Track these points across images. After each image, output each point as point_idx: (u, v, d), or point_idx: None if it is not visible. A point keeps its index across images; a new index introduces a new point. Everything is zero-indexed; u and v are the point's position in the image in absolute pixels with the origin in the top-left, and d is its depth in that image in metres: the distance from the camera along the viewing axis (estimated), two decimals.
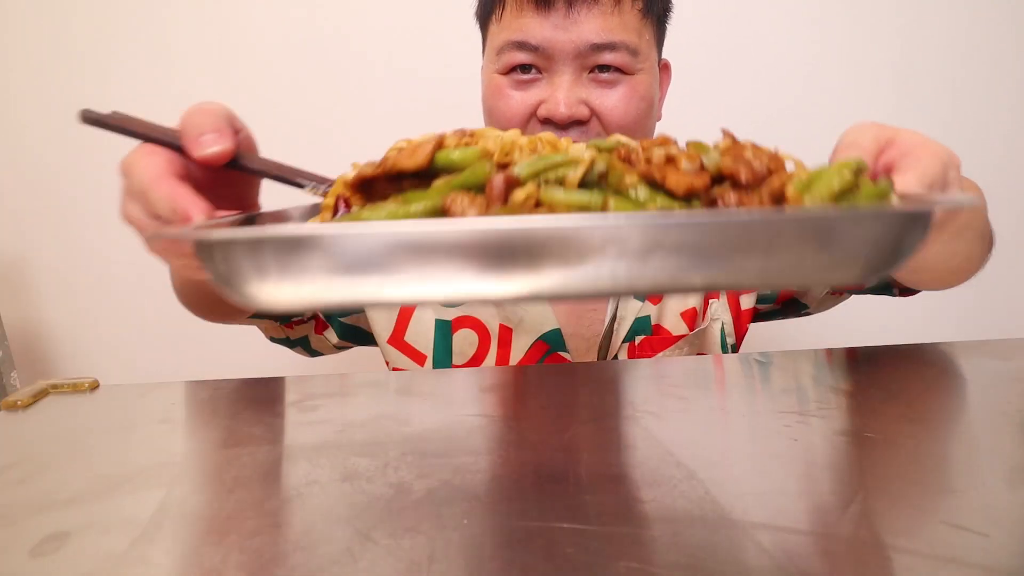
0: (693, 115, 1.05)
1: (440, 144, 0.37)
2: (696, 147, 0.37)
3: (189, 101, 0.47)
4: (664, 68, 0.85)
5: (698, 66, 1.34)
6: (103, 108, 0.45)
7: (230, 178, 0.45)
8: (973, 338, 0.70)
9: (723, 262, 0.27)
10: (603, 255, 0.26)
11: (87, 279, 1.59)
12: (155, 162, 0.41)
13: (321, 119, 1.48)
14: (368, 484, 0.39)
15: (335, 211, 0.37)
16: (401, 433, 0.47)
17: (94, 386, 0.58)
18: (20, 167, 1.54)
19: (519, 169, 0.32)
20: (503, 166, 0.34)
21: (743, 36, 1.45)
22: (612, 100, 0.74)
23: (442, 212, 0.32)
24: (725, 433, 0.48)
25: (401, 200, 0.34)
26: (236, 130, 0.44)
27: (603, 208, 0.31)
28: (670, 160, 0.34)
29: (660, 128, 0.78)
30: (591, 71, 0.73)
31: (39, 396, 0.55)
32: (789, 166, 0.36)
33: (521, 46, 0.72)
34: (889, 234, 0.29)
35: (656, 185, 0.33)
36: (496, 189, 0.31)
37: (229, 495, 0.37)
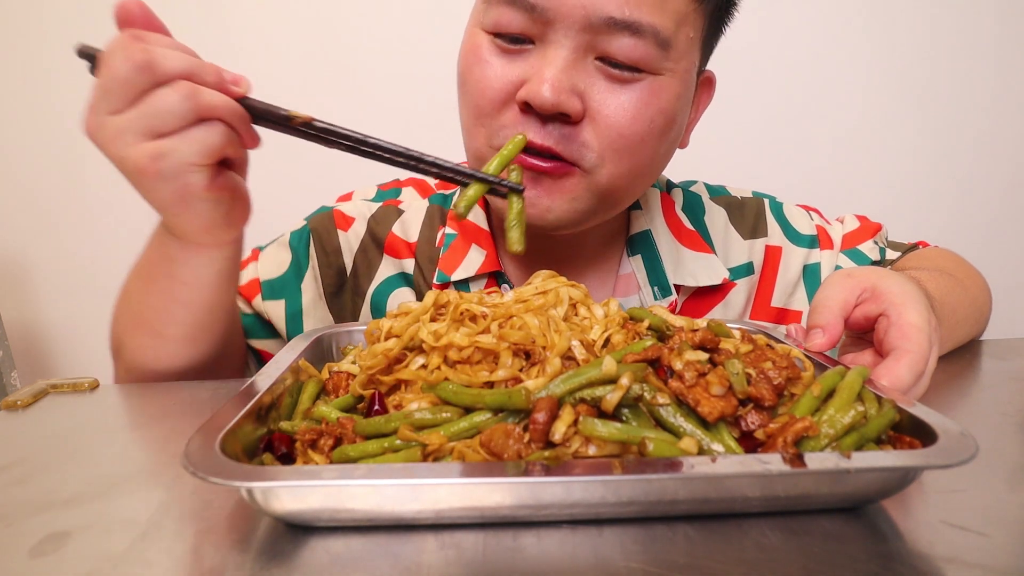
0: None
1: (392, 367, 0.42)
2: (722, 358, 0.39)
3: None
4: (706, 83, 0.65)
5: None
6: None
7: None
8: None
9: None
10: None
11: (87, 279, 1.59)
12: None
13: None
14: None
15: (371, 403, 0.40)
16: None
17: (94, 386, 0.58)
18: (20, 168, 1.53)
19: (554, 387, 0.35)
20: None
21: (744, 38, 1.44)
22: (618, 101, 0.54)
23: (480, 444, 0.34)
24: None
25: (442, 426, 0.36)
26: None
27: (640, 445, 0.32)
28: (701, 376, 0.36)
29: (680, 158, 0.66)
30: (599, 57, 0.54)
31: (39, 396, 0.55)
32: (799, 365, 0.41)
33: (514, 1, 0.54)
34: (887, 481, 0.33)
35: (688, 406, 0.36)
36: (539, 428, 0.32)
37: (229, 495, 0.37)
